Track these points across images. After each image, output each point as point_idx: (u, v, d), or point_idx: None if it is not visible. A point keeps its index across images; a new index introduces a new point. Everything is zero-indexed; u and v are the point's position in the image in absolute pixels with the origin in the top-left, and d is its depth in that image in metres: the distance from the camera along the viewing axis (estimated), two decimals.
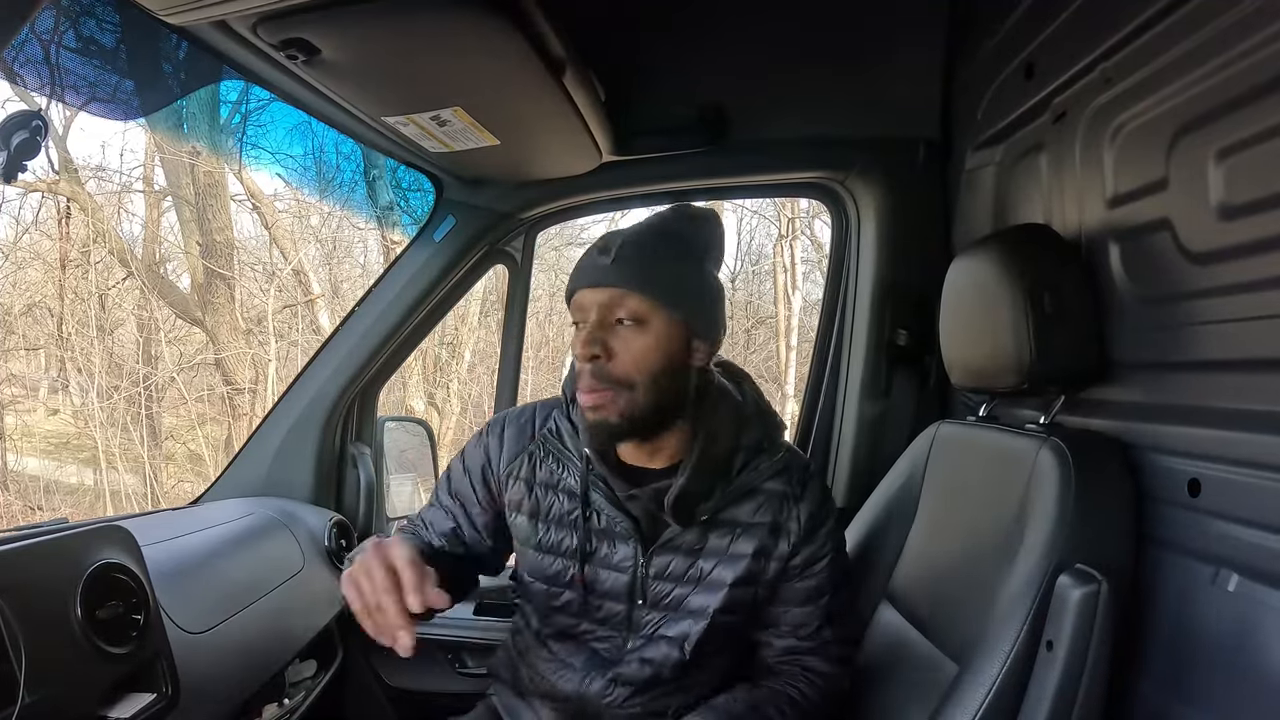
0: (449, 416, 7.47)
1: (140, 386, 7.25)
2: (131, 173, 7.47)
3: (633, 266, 1.05)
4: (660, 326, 1.05)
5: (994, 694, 0.96)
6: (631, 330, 1.05)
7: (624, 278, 1.05)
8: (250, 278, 7.66)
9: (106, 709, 0.98)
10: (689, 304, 1.07)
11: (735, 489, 1.12)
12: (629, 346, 1.05)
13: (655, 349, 1.05)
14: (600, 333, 1.06)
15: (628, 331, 1.05)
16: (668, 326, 1.06)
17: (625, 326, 1.06)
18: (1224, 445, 0.91)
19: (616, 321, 1.06)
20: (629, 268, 1.05)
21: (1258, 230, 0.86)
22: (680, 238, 1.10)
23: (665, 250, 1.08)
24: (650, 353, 1.05)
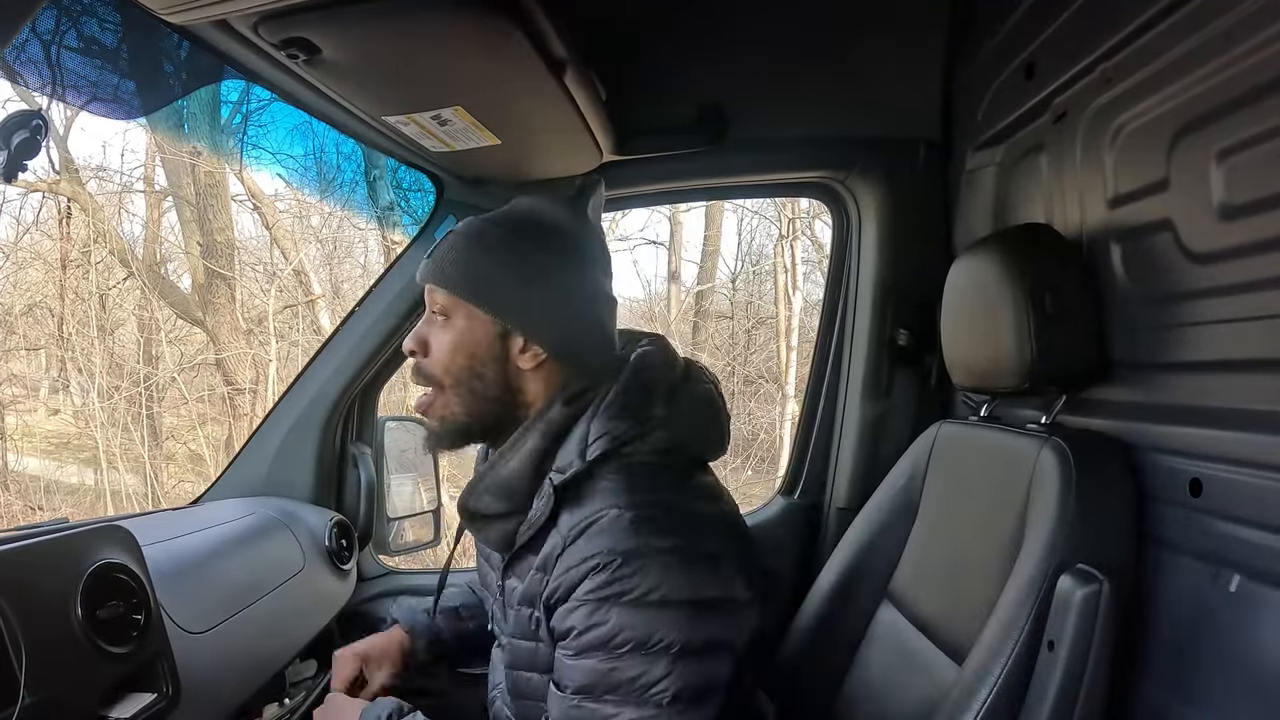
0: None
1: (141, 386, 7.25)
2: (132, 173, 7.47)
3: (437, 259, 1.01)
4: (465, 324, 1.00)
5: (995, 694, 0.96)
6: (440, 326, 1.01)
7: (429, 271, 1.02)
8: (251, 278, 7.65)
9: (107, 709, 0.98)
10: (500, 298, 0.99)
11: (535, 519, 0.97)
12: (437, 342, 1.01)
13: (461, 349, 1.00)
14: (423, 328, 1.03)
15: (439, 329, 1.01)
16: (474, 323, 0.99)
17: (437, 322, 1.02)
18: (1225, 445, 0.91)
19: (436, 317, 1.02)
20: (435, 260, 1.02)
21: (1258, 231, 0.86)
22: (503, 225, 1.03)
23: (471, 238, 1.02)
24: (456, 352, 1.00)
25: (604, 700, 0.88)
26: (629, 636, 0.87)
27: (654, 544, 0.88)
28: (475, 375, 1.00)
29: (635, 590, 0.87)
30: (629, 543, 0.88)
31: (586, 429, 0.96)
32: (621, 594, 0.87)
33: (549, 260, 1.00)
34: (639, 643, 0.86)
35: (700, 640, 0.88)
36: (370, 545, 1.84)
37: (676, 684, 0.86)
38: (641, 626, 0.86)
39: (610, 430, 0.95)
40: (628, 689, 0.87)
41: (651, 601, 0.87)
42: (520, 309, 0.99)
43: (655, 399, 0.99)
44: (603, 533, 0.90)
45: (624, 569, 0.87)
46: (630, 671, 0.87)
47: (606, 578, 0.88)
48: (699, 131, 1.65)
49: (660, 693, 0.86)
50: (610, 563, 0.88)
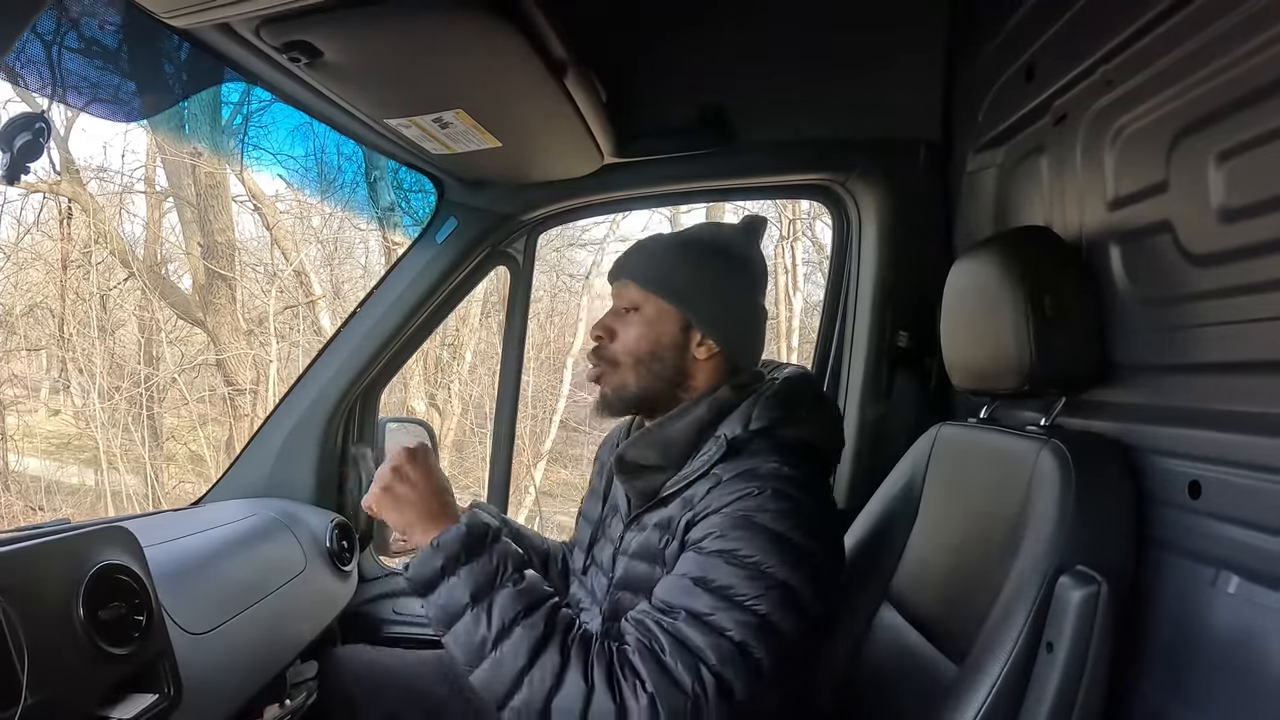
0: (450, 417, 7.47)
1: (141, 387, 7.26)
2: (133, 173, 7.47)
3: (633, 262, 1.20)
4: (651, 313, 1.17)
5: (994, 695, 0.96)
6: (629, 317, 1.18)
7: (624, 271, 1.20)
8: (252, 279, 7.65)
9: (108, 709, 0.98)
10: (685, 295, 1.16)
11: (689, 473, 1.11)
12: (625, 330, 1.18)
13: (645, 333, 1.16)
14: (609, 318, 1.20)
15: (626, 318, 1.18)
16: (659, 313, 1.16)
17: (625, 314, 1.18)
18: (1224, 447, 0.91)
19: (624, 311, 1.18)
20: (630, 263, 1.20)
21: (1258, 233, 0.86)
22: (696, 243, 1.20)
23: (671, 249, 1.19)
24: (639, 337, 1.17)
25: (713, 593, 0.97)
26: (751, 552, 0.98)
27: (793, 492, 1.03)
28: (656, 358, 1.16)
29: (768, 518, 1.00)
30: (777, 484, 1.03)
31: (751, 409, 1.12)
32: (759, 518, 1.00)
33: (729, 273, 1.19)
34: (755, 561, 0.98)
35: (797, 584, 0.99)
36: (371, 546, 1.84)
37: (768, 607, 0.96)
38: (761, 548, 0.98)
39: (771, 412, 1.12)
40: (733, 592, 0.97)
41: (778, 533, 0.99)
42: (704, 308, 1.16)
43: (800, 405, 1.16)
44: (760, 476, 1.04)
45: (774, 501, 1.01)
46: (740, 580, 0.97)
47: (758, 503, 1.01)
48: (699, 134, 1.66)
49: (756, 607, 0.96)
50: (764, 490, 1.02)
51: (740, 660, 0.95)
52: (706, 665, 0.94)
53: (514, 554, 1.01)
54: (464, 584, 0.97)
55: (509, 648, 0.94)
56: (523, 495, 7.17)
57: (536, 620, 0.96)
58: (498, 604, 0.96)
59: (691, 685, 0.93)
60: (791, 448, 1.11)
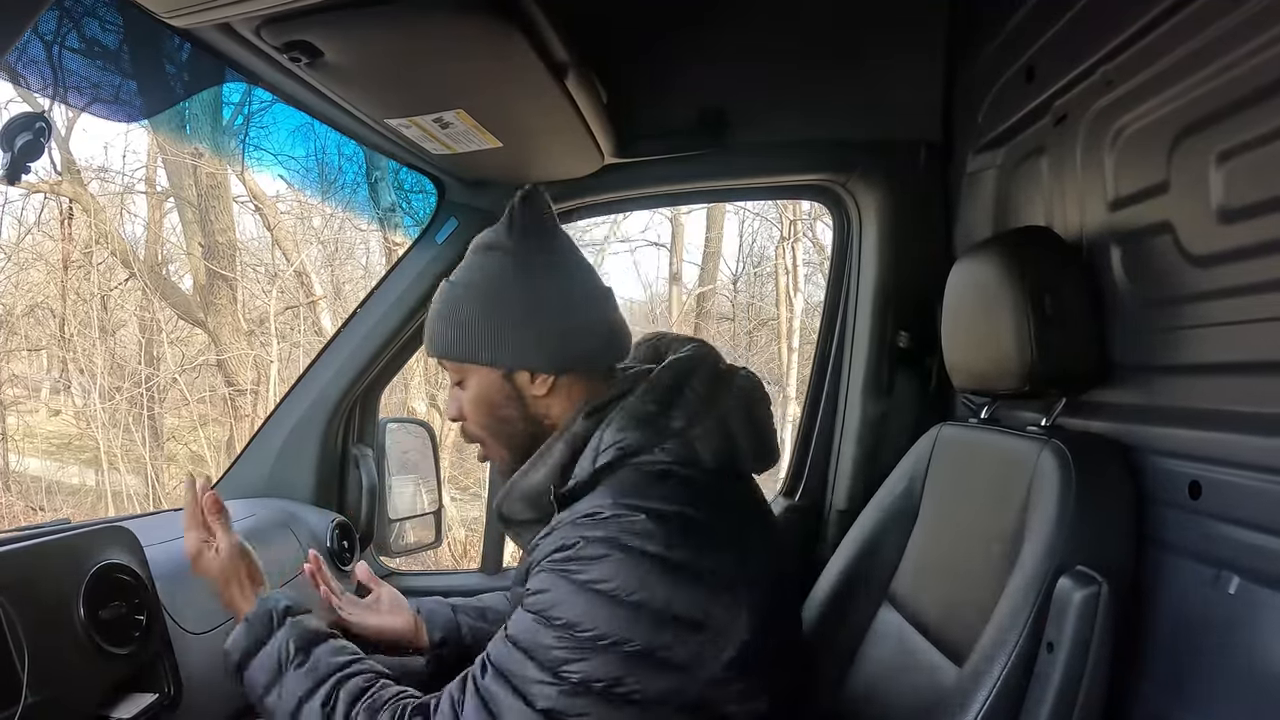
0: None
1: (142, 387, 7.26)
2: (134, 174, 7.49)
3: (430, 332, 1.07)
4: (475, 380, 1.05)
5: (995, 695, 0.96)
6: (460, 391, 1.07)
7: (430, 346, 1.07)
8: (252, 279, 7.67)
9: (108, 709, 0.98)
10: (482, 345, 1.02)
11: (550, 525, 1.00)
12: (465, 406, 1.07)
13: (481, 404, 1.06)
14: (452, 397, 1.10)
15: (460, 393, 1.08)
16: (481, 377, 1.04)
17: (459, 388, 1.08)
18: (1225, 448, 0.91)
19: (455, 387, 1.09)
20: (429, 335, 1.07)
21: (1258, 233, 0.86)
22: (463, 277, 1.06)
23: (447, 302, 1.06)
24: (478, 409, 1.06)
25: (524, 653, 0.89)
26: (564, 613, 0.88)
27: (626, 541, 0.89)
28: (501, 420, 1.06)
29: (585, 574, 0.88)
30: (599, 532, 0.90)
31: (600, 439, 0.98)
32: (573, 573, 0.89)
33: (506, 291, 1.02)
34: (569, 623, 0.88)
35: (642, 646, 0.87)
36: (372, 546, 1.84)
37: (589, 671, 0.87)
38: (579, 609, 0.88)
39: (620, 441, 0.96)
40: (545, 654, 0.88)
41: (599, 591, 0.87)
42: (504, 348, 1.02)
43: (677, 409, 0.99)
44: (581, 524, 0.92)
45: (585, 551, 0.89)
46: (551, 641, 0.88)
47: (568, 555, 0.90)
48: (700, 134, 1.66)
49: (570, 673, 0.87)
50: (575, 544, 0.90)
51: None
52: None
53: (298, 635, 1.01)
54: (259, 674, 0.99)
55: None
56: None
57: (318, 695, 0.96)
58: (286, 688, 0.97)
59: None
60: (643, 482, 0.95)
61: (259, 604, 1.04)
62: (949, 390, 1.62)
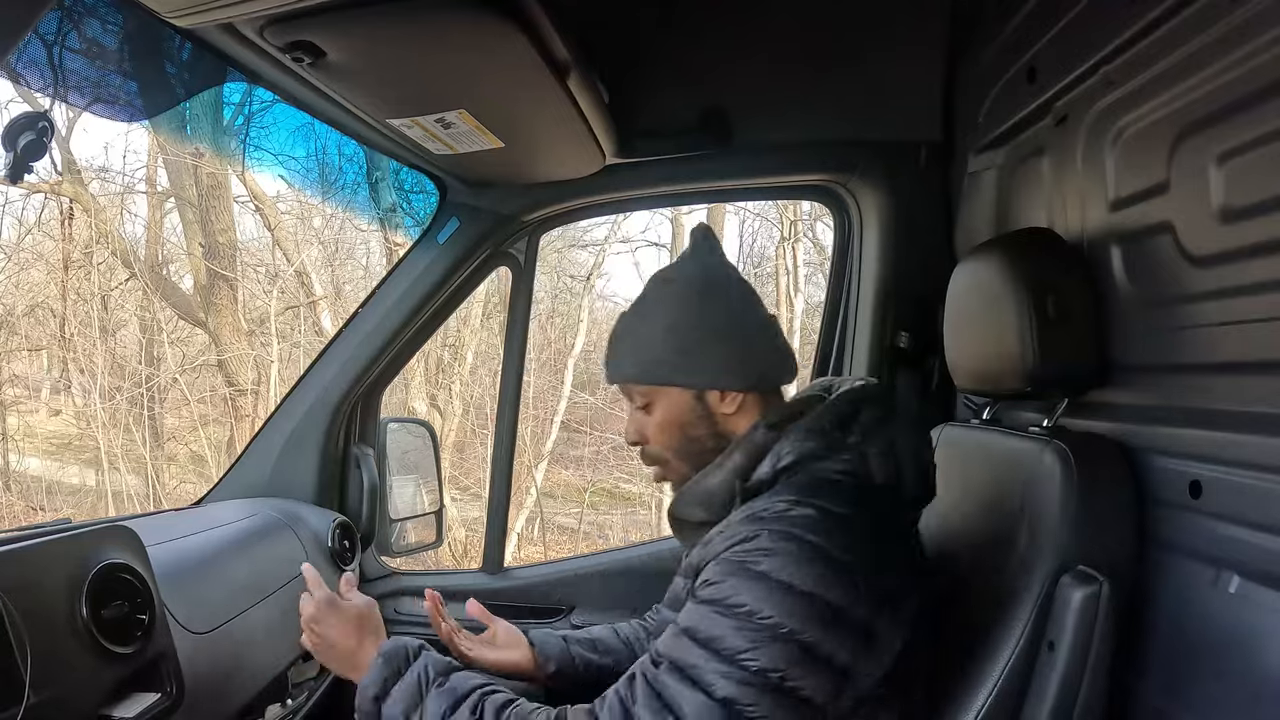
0: (451, 418, 7.48)
1: (143, 387, 7.27)
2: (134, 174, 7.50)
3: (619, 358, 1.13)
4: (666, 403, 1.10)
5: (995, 694, 0.96)
6: (648, 415, 1.12)
7: (617, 374, 1.14)
8: (253, 279, 7.67)
9: (111, 708, 0.99)
10: (677, 369, 1.09)
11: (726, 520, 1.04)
12: (652, 430, 1.12)
13: (671, 426, 1.10)
14: (633, 421, 1.14)
15: (647, 416, 1.12)
16: (672, 400, 1.10)
17: (644, 412, 1.12)
18: (1225, 447, 0.91)
19: (639, 411, 1.13)
20: (615, 363, 1.14)
21: (1259, 233, 0.86)
22: (655, 305, 1.12)
23: (637, 330, 1.12)
24: (667, 431, 1.11)
25: (701, 644, 0.90)
26: (743, 600, 0.90)
27: (803, 535, 0.92)
28: (690, 439, 1.10)
29: (763, 564, 0.90)
30: (777, 525, 0.93)
31: (783, 446, 1.04)
32: (752, 563, 0.91)
33: (703, 313, 1.09)
34: (749, 610, 0.89)
35: (812, 639, 0.88)
36: (373, 546, 1.84)
37: (766, 661, 0.87)
38: (758, 597, 0.89)
39: (799, 448, 1.03)
40: (723, 644, 0.89)
41: (777, 580, 0.90)
42: (701, 369, 1.09)
43: (852, 429, 1.05)
44: (761, 518, 0.95)
45: (763, 542, 0.92)
46: (730, 630, 0.89)
47: (747, 547, 0.92)
48: (701, 134, 1.66)
49: (749, 661, 0.88)
50: (756, 536, 0.93)
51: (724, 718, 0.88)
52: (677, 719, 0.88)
53: (435, 663, 1.05)
54: (397, 704, 1.01)
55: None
56: (524, 496, 7.17)
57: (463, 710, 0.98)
58: (428, 709, 0.99)
59: None
60: (819, 485, 0.99)
61: (393, 642, 1.08)
62: (950, 391, 1.62)
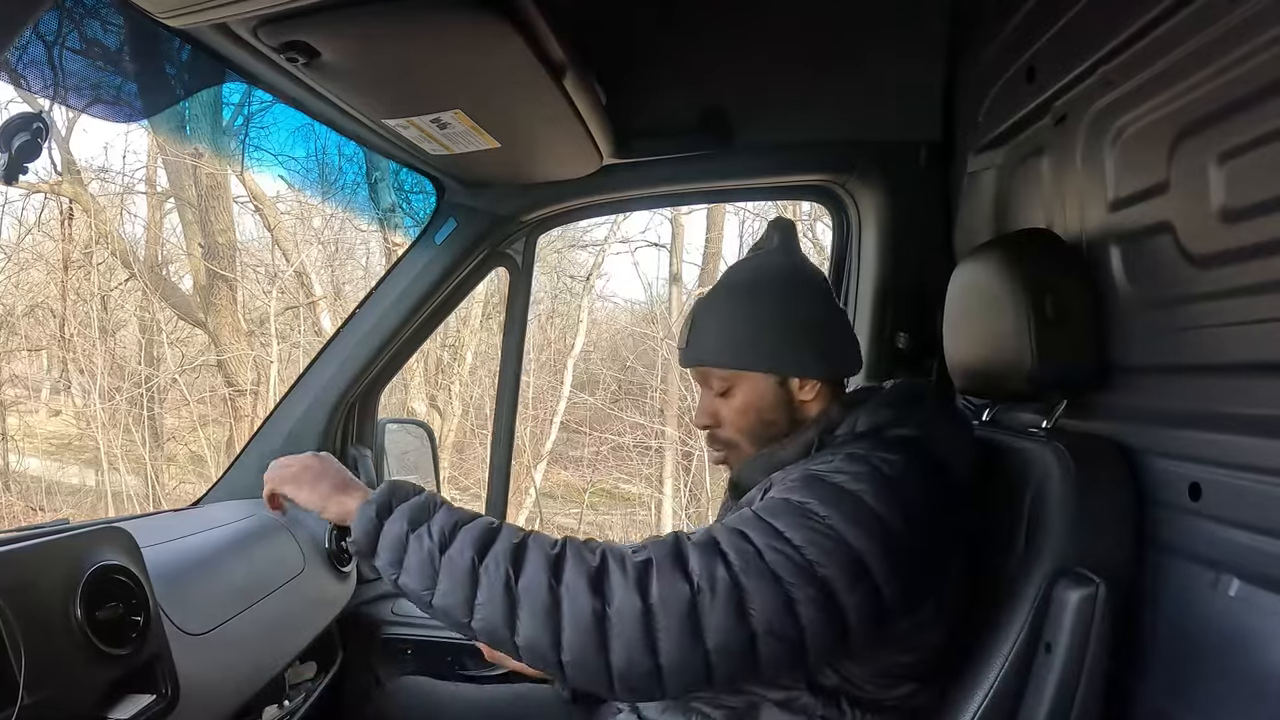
0: (450, 419, 7.48)
1: (142, 388, 7.27)
2: (134, 174, 7.50)
3: (703, 343, 1.13)
4: (748, 388, 1.11)
5: (992, 695, 0.96)
6: (725, 399, 1.13)
7: (698, 356, 1.14)
8: (252, 279, 7.67)
9: (106, 710, 0.98)
10: (766, 355, 1.10)
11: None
12: (729, 413, 1.13)
13: (750, 410, 1.11)
14: (708, 403, 1.15)
15: (723, 400, 1.13)
16: (754, 385, 1.11)
17: (721, 396, 1.13)
18: (1225, 449, 0.90)
19: (718, 394, 1.13)
20: (699, 345, 1.13)
21: (1259, 233, 0.86)
22: (747, 291, 1.13)
23: (728, 313, 1.13)
24: (745, 415, 1.12)
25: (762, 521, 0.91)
26: (806, 497, 0.92)
27: (877, 464, 0.95)
28: (767, 424, 1.12)
29: (840, 477, 0.93)
30: (857, 451, 0.98)
31: (857, 417, 1.08)
32: (830, 474, 0.94)
33: (792, 303, 1.12)
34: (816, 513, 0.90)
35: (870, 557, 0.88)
36: None
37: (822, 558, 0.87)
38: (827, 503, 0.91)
39: (876, 417, 1.07)
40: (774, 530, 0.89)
41: (849, 490, 0.92)
42: (789, 356, 1.10)
43: (919, 408, 1.09)
44: (838, 448, 1.01)
45: (842, 464, 0.95)
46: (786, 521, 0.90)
47: (823, 465, 0.97)
48: (700, 134, 1.66)
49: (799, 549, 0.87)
50: (833, 459, 0.97)
51: (772, 585, 0.85)
52: (729, 568, 0.85)
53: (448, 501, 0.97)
54: (400, 519, 0.92)
55: (455, 549, 0.88)
56: (523, 497, 7.18)
57: (480, 523, 0.91)
58: (436, 522, 0.91)
59: (699, 579, 0.85)
60: (891, 442, 1.03)
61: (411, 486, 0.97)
62: (950, 392, 1.62)
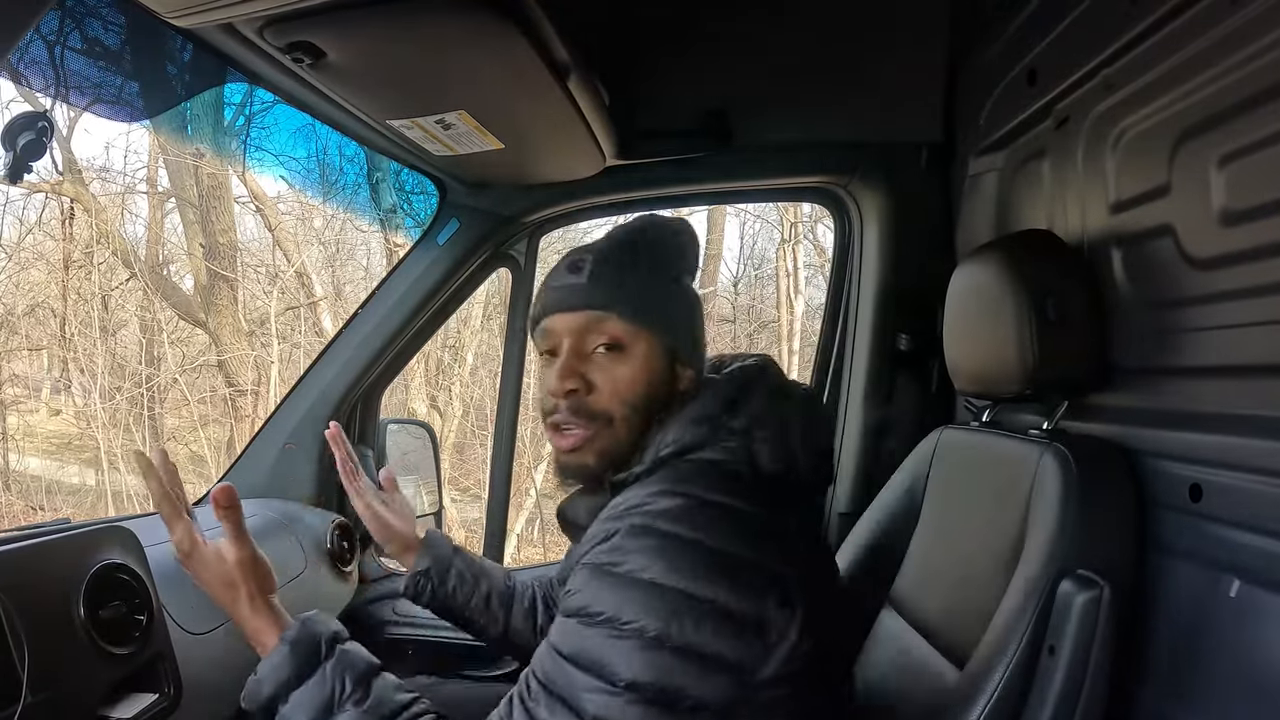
0: (451, 419, 7.47)
1: (143, 387, 7.27)
2: (135, 174, 7.50)
3: (611, 284, 0.95)
4: (643, 351, 0.95)
5: (996, 699, 0.96)
6: (611, 358, 0.95)
7: (602, 298, 0.95)
8: (253, 280, 7.67)
9: (109, 709, 0.98)
10: (672, 324, 0.97)
11: None
12: (610, 376, 0.94)
13: (639, 377, 0.94)
14: (577, 362, 0.95)
15: (606, 359, 0.95)
16: (651, 350, 0.95)
17: (603, 354, 0.95)
18: (1225, 451, 0.91)
19: (593, 350, 0.95)
20: (606, 286, 0.95)
21: (1260, 236, 0.86)
22: (657, 248, 1.00)
23: (644, 264, 0.98)
24: (633, 382, 0.94)
25: (568, 660, 0.81)
26: (603, 607, 0.80)
27: (663, 527, 0.82)
28: (649, 405, 0.95)
29: (626, 565, 0.80)
30: (636, 519, 0.83)
31: (663, 436, 0.93)
32: (613, 565, 0.81)
33: (670, 275, 1.00)
34: (609, 617, 0.79)
35: (684, 640, 0.78)
36: (372, 547, 1.84)
37: (637, 673, 0.77)
38: (618, 601, 0.79)
39: (681, 437, 0.92)
40: (588, 657, 0.79)
41: (638, 579, 0.79)
42: (689, 335, 0.99)
43: (739, 412, 0.94)
44: (627, 513, 0.85)
45: (626, 541, 0.82)
46: (594, 642, 0.80)
47: (608, 547, 0.82)
48: (702, 136, 1.66)
49: (616, 675, 0.78)
50: (615, 534, 0.83)
51: None
52: None
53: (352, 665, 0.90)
54: (301, 713, 0.86)
55: None
56: (523, 498, 7.17)
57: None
58: None
59: None
60: (693, 473, 0.90)
61: (300, 627, 0.92)
62: (950, 393, 1.62)
